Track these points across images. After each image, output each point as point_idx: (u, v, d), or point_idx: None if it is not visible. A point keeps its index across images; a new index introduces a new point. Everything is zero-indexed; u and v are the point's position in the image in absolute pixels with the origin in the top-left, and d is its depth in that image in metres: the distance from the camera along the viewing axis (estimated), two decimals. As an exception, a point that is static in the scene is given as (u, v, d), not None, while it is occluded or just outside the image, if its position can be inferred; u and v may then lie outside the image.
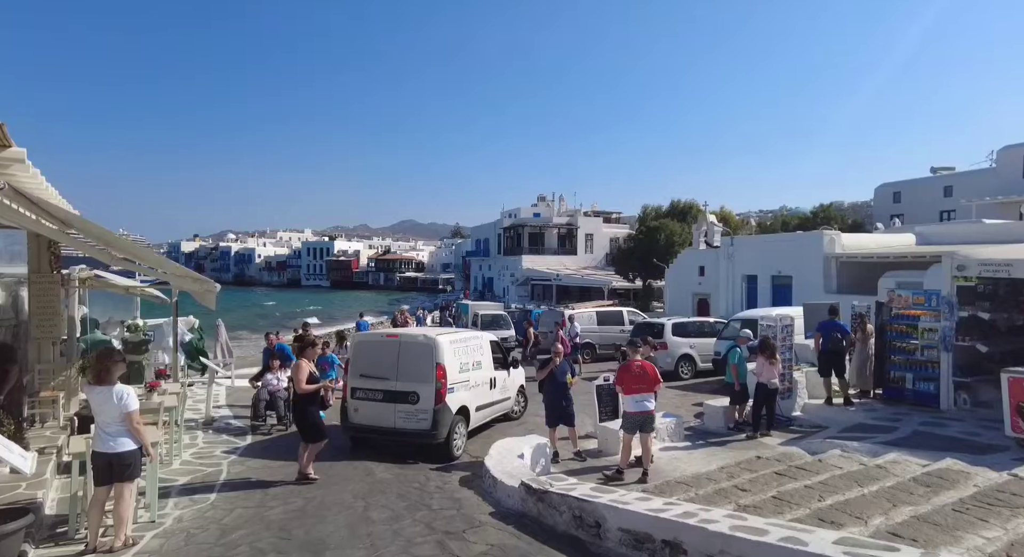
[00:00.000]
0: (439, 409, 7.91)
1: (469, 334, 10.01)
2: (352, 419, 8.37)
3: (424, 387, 7.97)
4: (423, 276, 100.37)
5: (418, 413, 7.95)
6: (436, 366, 8.02)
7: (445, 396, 8.04)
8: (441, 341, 8.33)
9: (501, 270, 57.71)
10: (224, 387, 12.81)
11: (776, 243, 24.09)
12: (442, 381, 8.01)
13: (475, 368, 9.11)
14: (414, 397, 7.97)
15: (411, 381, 8.04)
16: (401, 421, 7.99)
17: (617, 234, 57.62)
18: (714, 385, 14.33)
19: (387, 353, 8.28)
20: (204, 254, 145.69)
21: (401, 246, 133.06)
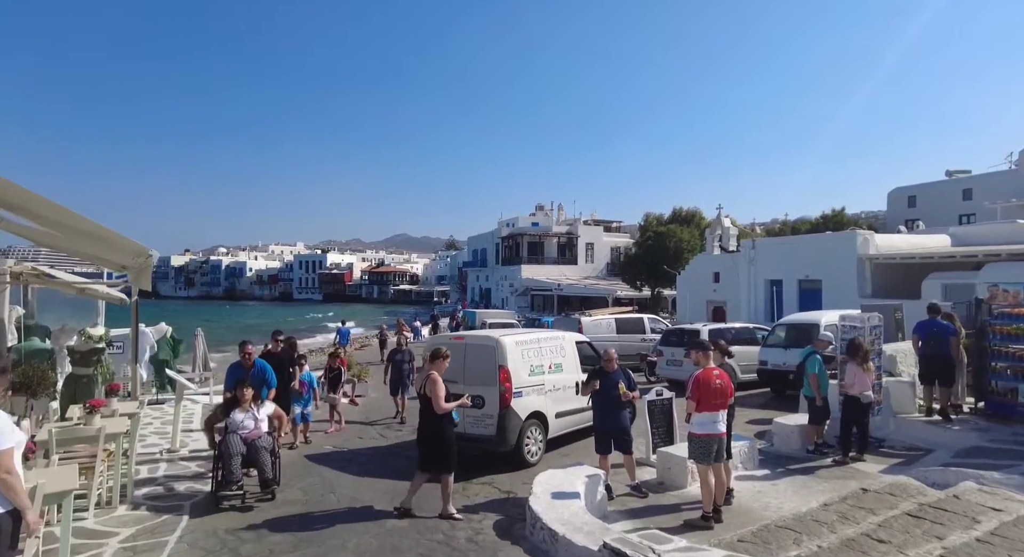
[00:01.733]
0: (504, 414, 7.49)
1: (545, 334, 9.04)
2: None
3: (489, 391, 7.58)
4: (417, 289, 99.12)
5: (484, 418, 7.61)
6: (499, 368, 7.56)
7: (511, 400, 7.56)
8: (505, 342, 7.78)
9: (499, 280, 56.21)
10: (201, 405, 11.03)
11: (803, 245, 22.61)
12: (506, 384, 7.52)
13: (553, 371, 8.36)
14: (479, 401, 7.52)
15: (477, 384, 7.60)
16: (470, 426, 7.60)
17: (618, 243, 56.42)
18: (760, 398, 12.69)
19: (454, 355, 7.59)
20: (194, 268, 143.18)
21: (395, 259, 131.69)
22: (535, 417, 7.86)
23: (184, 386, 8.38)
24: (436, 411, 5.82)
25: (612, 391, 6.47)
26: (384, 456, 8.56)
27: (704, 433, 5.62)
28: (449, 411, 5.92)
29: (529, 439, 7.74)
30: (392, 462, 8.12)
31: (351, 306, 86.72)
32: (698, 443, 5.66)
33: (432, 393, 5.84)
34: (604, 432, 6.55)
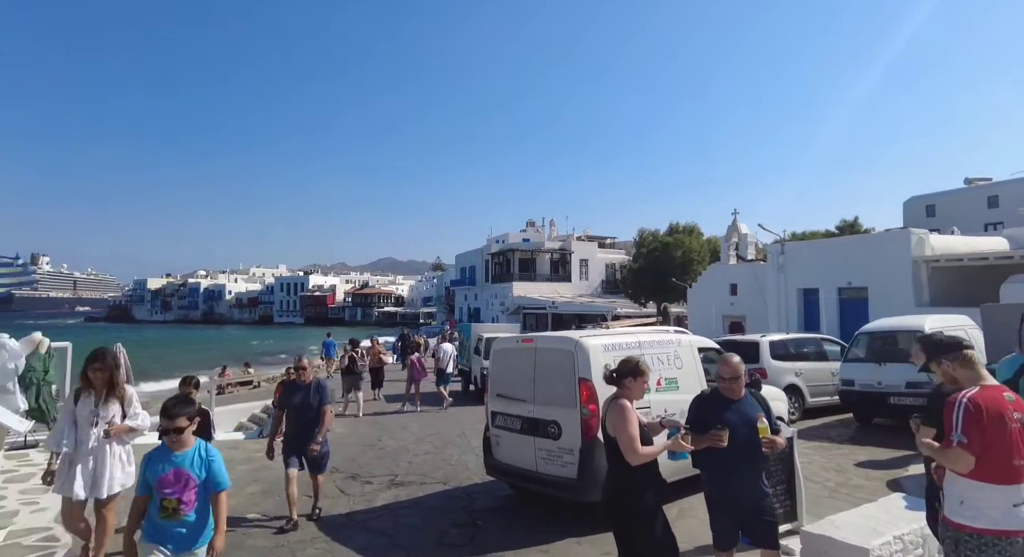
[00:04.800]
0: (589, 449, 5.13)
1: (650, 336, 6.37)
2: (495, 454, 6.27)
3: (566, 414, 5.43)
4: (403, 310, 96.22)
5: (561, 453, 5.45)
6: (580, 383, 5.33)
7: (598, 428, 4.59)
8: (589, 346, 5.50)
9: (489, 299, 53.23)
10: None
11: (844, 248, 19.93)
12: (590, 406, 5.24)
13: (664, 389, 5.84)
14: (554, 428, 5.51)
15: (549, 404, 5.60)
16: (543, 462, 5.61)
17: (614, 260, 54.01)
18: (842, 429, 9.76)
19: (523, 365, 6.00)
20: (171, 291, 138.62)
21: (380, 281, 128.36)
22: None
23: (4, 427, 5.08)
24: (629, 461, 3.23)
25: (741, 432, 3.51)
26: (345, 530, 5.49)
27: (991, 529, 2.66)
28: (651, 458, 3.26)
29: None
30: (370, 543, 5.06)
31: (333, 329, 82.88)
32: (975, 545, 2.70)
33: (619, 430, 3.25)
34: (728, 508, 3.57)
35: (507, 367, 6.25)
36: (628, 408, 3.27)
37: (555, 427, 5.46)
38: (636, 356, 3.56)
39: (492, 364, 6.53)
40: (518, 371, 6.00)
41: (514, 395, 5.95)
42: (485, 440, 6.38)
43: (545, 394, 5.65)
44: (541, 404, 5.64)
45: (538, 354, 5.84)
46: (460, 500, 6.50)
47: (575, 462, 5.26)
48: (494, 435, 6.22)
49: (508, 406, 6.01)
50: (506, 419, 6.02)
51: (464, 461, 8.23)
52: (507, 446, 6.02)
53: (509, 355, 6.29)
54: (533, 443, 5.65)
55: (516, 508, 6.17)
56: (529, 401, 5.75)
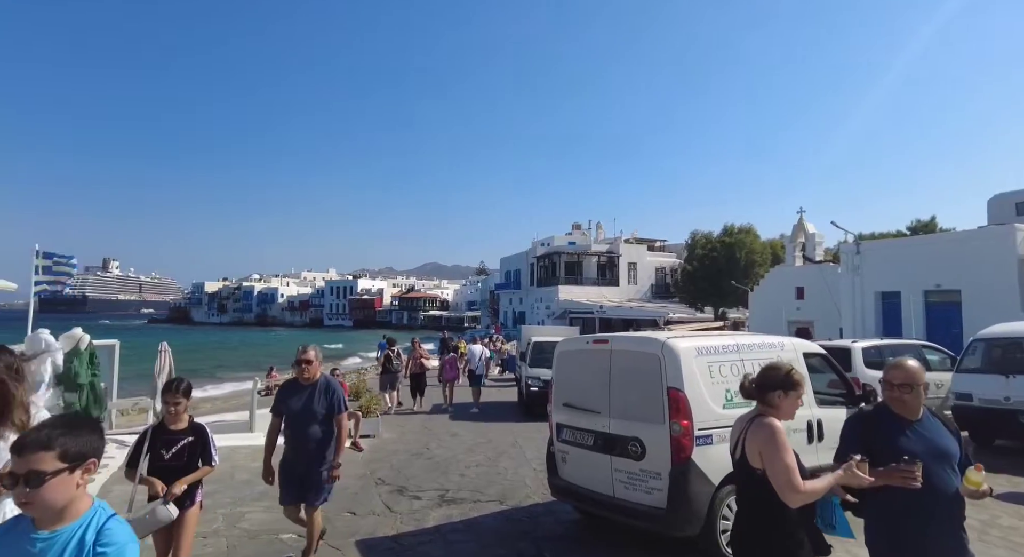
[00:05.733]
0: (681, 473, 4.33)
1: (749, 339, 5.34)
2: (561, 472, 5.39)
3: (651, 430, 4.56)
4: (448, 314, 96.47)
5: (646, 476, 4.56)
6: (669, 394, 4.46)
7: (692, 448, 4.38)
8: (679, 349, 4.62)
9: (534, 303, 52.37)
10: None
11: (931, 247, 18.15)
12: (682, 422, 4.39)
13: None
14: (636, 447, 4.62)
15: (629, 418, 4.74)
16: (621, 487, 4.70)
17: (664, 263, 52.31)
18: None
19: (595, 370, 5.11)
20: (227, 294, 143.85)
21: (425, 285, 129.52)
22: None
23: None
24: (787, 501, 2.35)
25: (934, 470, 2.49)
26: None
27: None
28: (814, 497, 2.41)
29: (728, 520, 4.29)
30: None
31: (381, 332, 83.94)
32: None
33: (772, 459, 2.40)
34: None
35: (575, 372, 5.42)
36: (781, 430, 2.39)
37: (637, 445, 4.58)
38: (785, 361, 2.66)
39: (557, 368, 5.71)
40: (589, 377, 5.16)
41: (585, 406, 5.11)
42: (549, 456, 5.55)
43: (624, 406, 4.79)
44: (619, 417, 4.78)
45: (614, 358, 4.97)
46: (520, 524, 5.69)
47: (663, 488, 4.38)
48: (560, 451, 5.38)
49: (577, 418, 5.17)
50: (575, 433, 5.18)
51: (521, 476, 7.43)
52: (576, 465, 5.17)
53: (578, 358, 5.46)
54: (609, 463, 4.78)
55: (588, 538, 5.31)
56: (604, 413, 4.89)
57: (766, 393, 2.53)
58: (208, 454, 3.60)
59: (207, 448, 3.59)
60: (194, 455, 3.54)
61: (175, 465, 3.47)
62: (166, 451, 3.48)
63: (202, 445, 3.58)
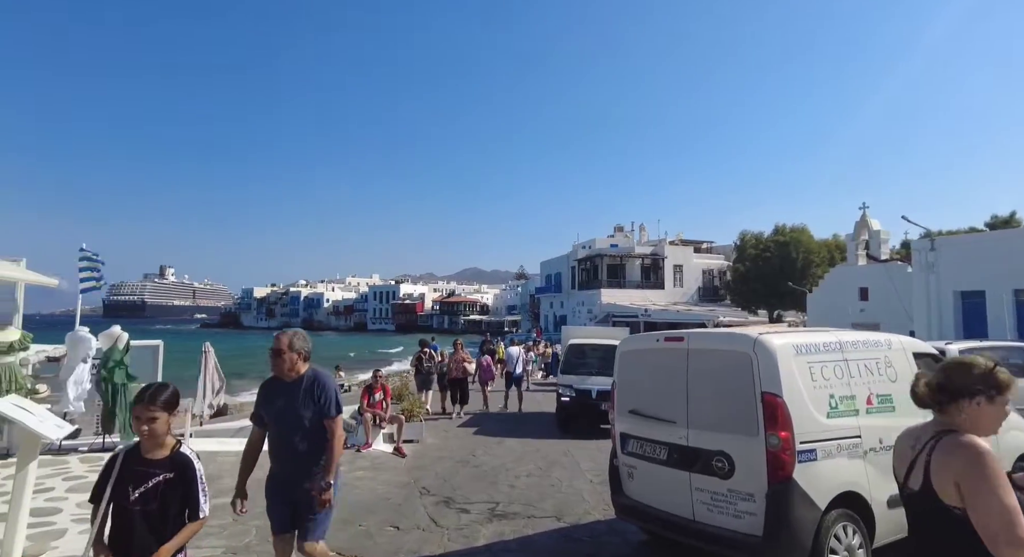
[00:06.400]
0: (780, 493, 3.62)
1: (852, 336, 4.52)
2: (627, 490, 4.68)
3: (741, 443, 3.85)
4: (488, 318, 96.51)
5: (734, 497, 3.82)
6: (764, 399, 3.74)
7: (793, 465, 3.66)
8: (775, 347, 3.88)
9: (576, 306, 51.51)
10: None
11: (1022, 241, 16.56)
12: (781, 433, 3.66)
13: (877, 409, 4.18)
14: (722, 463, 3.91)
15: (713, 429, 4.03)
16: (704, 509, 3.99)
17: (711, 265, 50.62)
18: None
19: (668, 372, 4.41)
20: (275, 299, 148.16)
21: (465, 289, 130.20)
22: (846, 504, 3.80)
23: (36, 434, 4.12)
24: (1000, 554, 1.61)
25: None
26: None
27: None
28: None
29: (837, 554, 3.66)
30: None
31: (422, 336, 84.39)
32: None
33: (979, 496, 1.66)
34: None
35: (643, 375, 4.77)
36: (990, 455, 1.71)
37: (723, 461, 3.92)
38: (983, 358, 1.97)
39: (620, 371, 5.06)
40: (660, 381, 4.52)
41: (656, 413, 4.46)
42: (612, 470, 4.90)
43: (705, 414, 4.12)
44: (699, 428, 4.13)
45: (692, 358, 4.30)
46: (581, 544, 5.07)
47: (758, 512, 3.70)
48: (625, 465, 4.74)
49: (647, 428, 4.52)
50: (644, 445, 4.52)
51: (577, 489, 6.80)
52: (646, 481, 4.52)
53: (645, 359, 4.80)
54: (688, 481, 4.12)
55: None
56: (680, 423, 4.23)
57: (957, 400, 1.85)
58: (194, 500, 2.45)
59: (192, 491, 2.46)
60: (171, 500, 2.43)
61: (144, 511, 2.41)
62: (133, 489, 2.42)
63: (185, 487, 2.45)
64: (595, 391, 10.42)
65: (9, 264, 6.57)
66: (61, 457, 6.80)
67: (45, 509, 5.09)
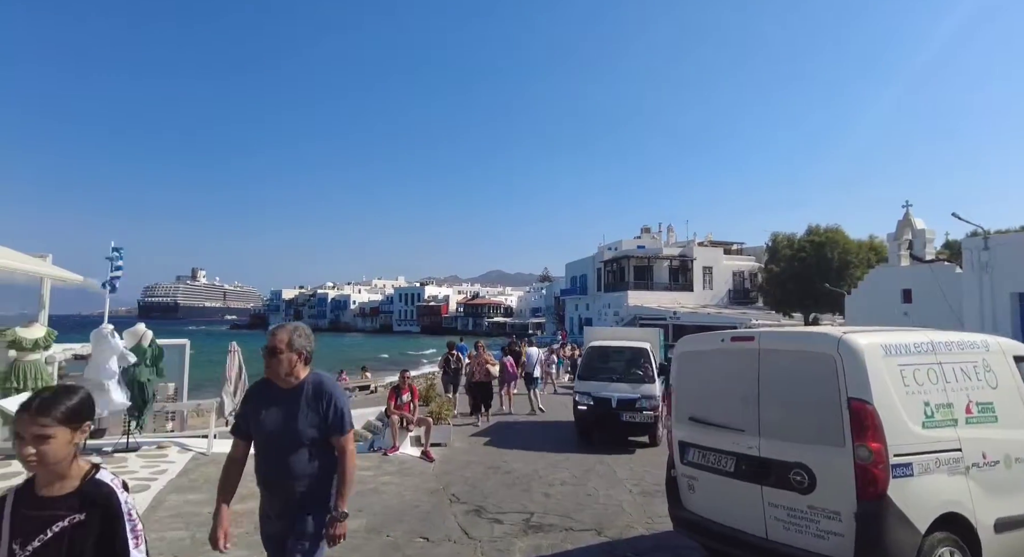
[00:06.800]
0: (873, 513, 3.16)
1: (944, 336, 4.01)
2: (687, 503, 4.27)
3: (823, 455, 3.41)
4: (512, 321, 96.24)
5: (816, 515, 3.37)
6: (850, 406, 3.29)
7: (887, 481, 3.19)
8: (862, 347, 3.43)
9: (602, 308, 50.85)
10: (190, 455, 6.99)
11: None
12: (872, 444, 3.21)
13: (977, 419, 3.70)
14: (801, 476, 3.46)
15: (789, 438, 3.60)
16: (779, 527, 3.54)
17: (742, 267, 49.45)
18: None
19: (735, 376, 4.00)
20: (303, 301, 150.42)
21: (489, 291, 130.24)
22: (948, 526, 3.34)
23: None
24: None
25: None
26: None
27: None
28: None
29: None
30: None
31: (447, 338, 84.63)
32: None
33: None
34: None
35: (705, 379, 4.36)
36: None
37: (803, 474, 3.48)
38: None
39: (678, 374, 4.65)
40: (726, 385, 4.11)
41: (721, 421, 4.05)
42: (670, 481, 4.49)
43: (780, 421, 3.70)
44: (773, 437, 3.70)
45: (764, 360, 3.87)
46: (626, 562, 4.67)
47: (846, 533, 3.26)
48: (685, 476, 4.33)
49: (710, 436, 4.11)
50: (707, 455, 4.12)
51: (617, 499, 6.39)
52: (710, 494, 4.10)
53: (708, 361, 4.38)
54: (760, 495, 3.69)
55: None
56: (749, 431, 3.82)
57: None
58: (120, 548, 1.66)
59: (116, 536, 1.67)
60: (83, 552, 1.64)
61: None
62: (23, 544, 1.62)
63: (104, 530, 1.67)
64: (615, 400, 9.48)
65: (34, 259, 6.47)
66: (85, 458, 6.65)
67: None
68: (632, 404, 9.46)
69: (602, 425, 9.69)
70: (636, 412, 9.39)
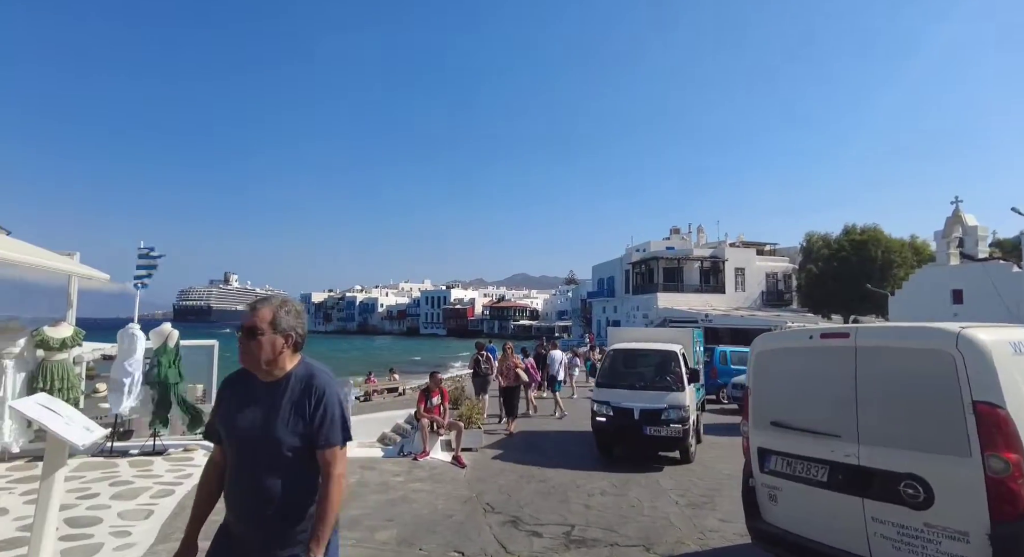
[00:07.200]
0: (1013, 536, 2.66)
1: None
2: (768, 516, 3.87)
3: (943, 466, 2.96)
4: (538, 324, 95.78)
5: (936, 535, 2.92)
6: (976, 411, 2.86)
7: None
8: (986, 343, 2.97)
9: (630, 311, 50.03)
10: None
11: None
12: (1009, 455, 2.74)
13: None
14: (914, 489, 3.02)
15: (897, 445, 3.15)
16: (886, 546, 3.10)
17: (775, 268, 48.10)
18: None
19: (828, 376, 3.59)
20: (332, 304, 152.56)
21: (515, 294, 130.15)
22: None
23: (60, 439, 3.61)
24: None
25: None
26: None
27: None
28: None
29: None
30: None
31: (473, 341, 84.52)
32: None
33: None
34: None
35: (790, 379, 3.93)
36: None
37: (915, 487, 3.05)
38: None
39: (756, 374, 4.20)
40: (816, 386, 3.70)
41: (810, 426, 3.63)
42: (747, 491, 4.06)
43: (885, 427, 3.27)
44: (876, 443, 3.28)
45: (862, 358, 3.44)
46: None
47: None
48: (766, 486, 3.90)
49: (797, 443, 3.70)
50: (794, 463, 3.69)
51: (663, 512, 5.94)
52: (797, 506, 3.67)
53: (794, 360, 3.94)
54: (861, 509, 3.27)
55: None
56: (847, 437, 3.40)
57: None
58: None
59: None
60: None
61: None
62: None
63: None
64: (638, 410, 8.25)
65: (61, 257, 6.37)
66: (111, 460, 6.51)
67: (85, 518, 4.70)
68: (657, 415, 8.18)
69: (623, 439, 8.58)
70: (662, 425, 8.12)
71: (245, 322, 2.04)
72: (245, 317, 2.06)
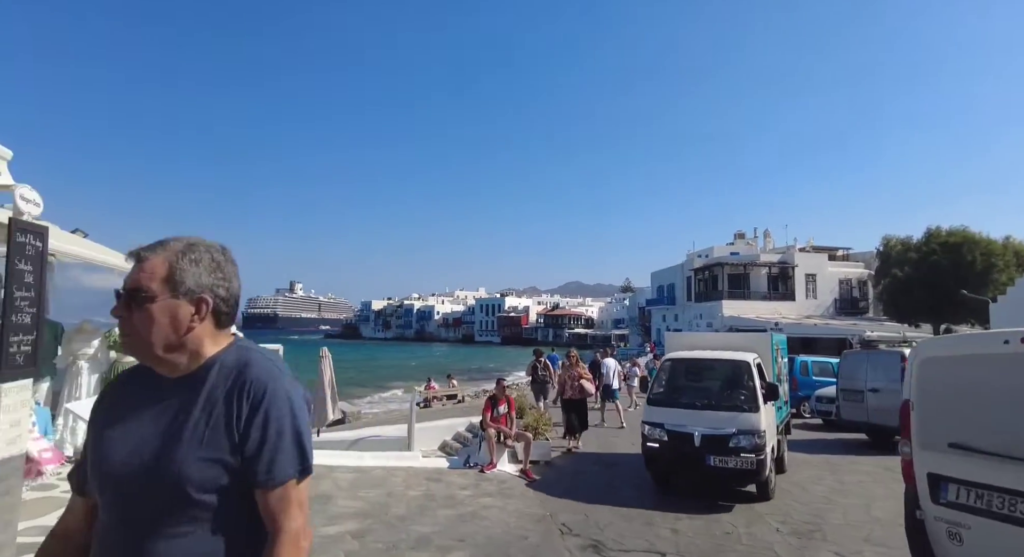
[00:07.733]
0: None
1: None
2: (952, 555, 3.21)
3: None
4: (593, 332, 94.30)
5: None
6: None
7: None
8: None
9: (692, 319, 48.22)
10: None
11: None
12: None
13: None
14: None
15: None
16: None
17: (849, 274, 45.28)
18: None
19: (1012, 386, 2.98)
20: (390, 312, 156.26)
21: (569, 302, 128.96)
22: None
23: None
24: None
25: None
26: None
27: None
28: None
29: None
30: None
31: (528, 348, 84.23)
32: None
33: None
34: None
35: (973, 392, 3.28)
36: None
37: None
38: None
39: (921, 387, 3.55)
40: (1009, 401, 3.06)
41: (1007, 451, 2.98)
42: (914, 525, 3.41)
43: None
44: None
45: None
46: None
47: None
48: (945, 521, 3.25)
49: (987, 470, 3.05)
50: (982, 495, 3.05)
51: (764, 541, 5.26)
52: (991, 549, 3.02)
53: (976, 369, 3.30)
54: None
55: None
56: None
57: None
58: None
59: None
60: None
61: None
62: None
63: None
64: (699, 436, 6.66)
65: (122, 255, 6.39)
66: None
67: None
68: (724, 442, 6.58)
69: (681, 469, 7.15)
70: (730, 454, 6.52)
71: (125, 283, 1.22)
72: (127, 277, 1.24)
